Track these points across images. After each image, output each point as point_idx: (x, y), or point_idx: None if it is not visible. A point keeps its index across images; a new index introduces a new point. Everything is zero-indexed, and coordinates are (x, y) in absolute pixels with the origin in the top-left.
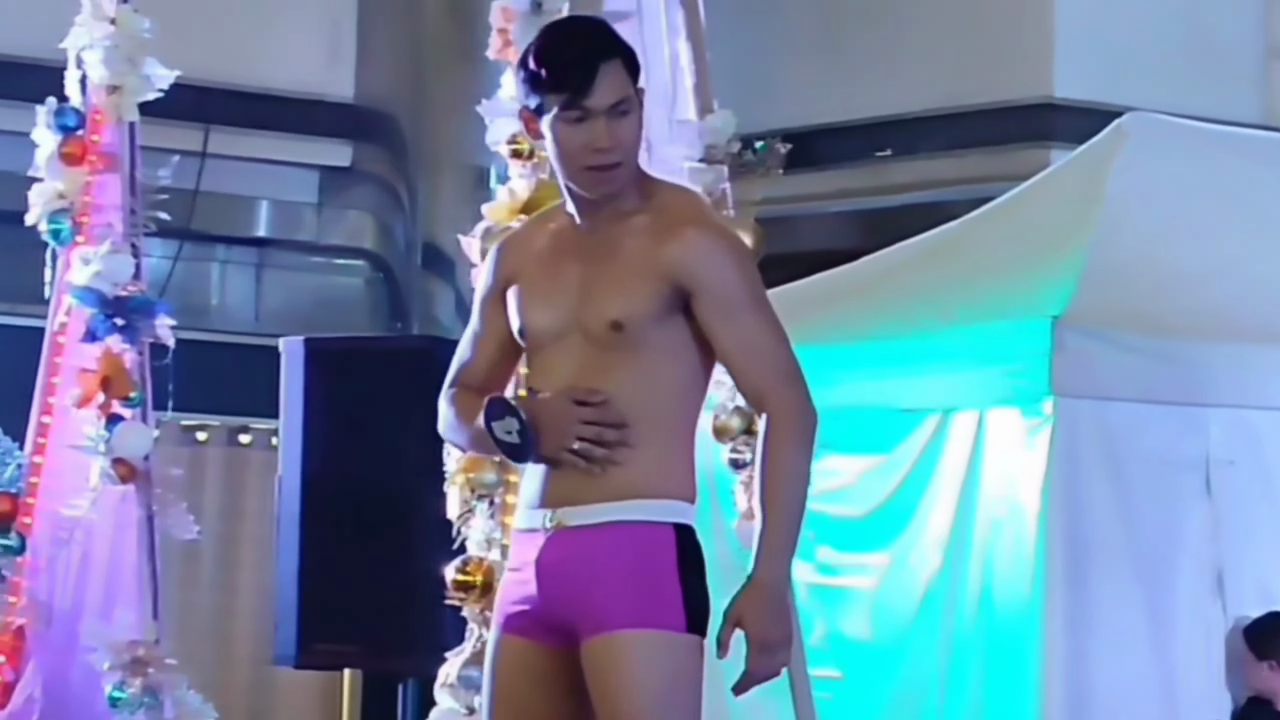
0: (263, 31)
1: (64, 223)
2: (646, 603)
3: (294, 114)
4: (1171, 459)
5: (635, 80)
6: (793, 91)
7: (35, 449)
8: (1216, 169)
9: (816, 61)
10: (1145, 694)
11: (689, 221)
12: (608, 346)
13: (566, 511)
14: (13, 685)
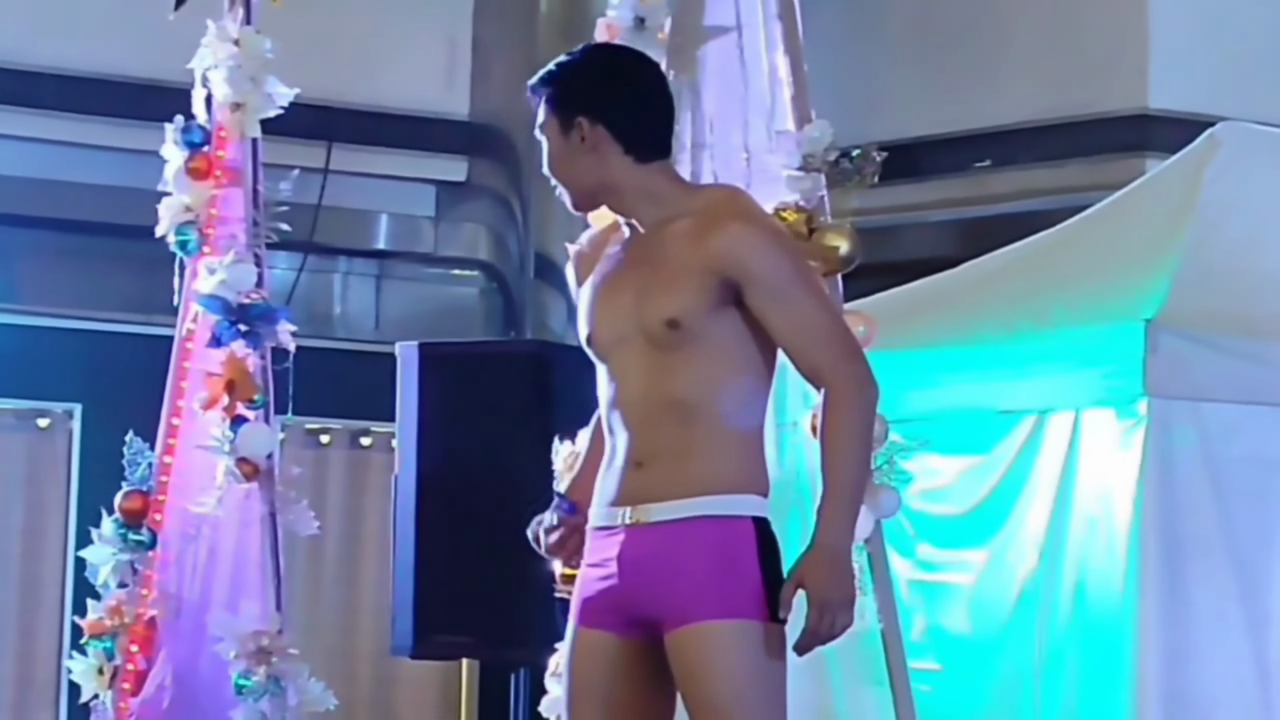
0: (381, 52)
1: (191, 234)
2: (730, 594)
3: (412, 131)
4: (1266, 459)
5: (564, 106)
6: (892, 103)
7: (165, 449)
8: None
9: (915, 74)
10: (1241, 693)
11: (729, 215)
12: (669, 347)
13: (645, 508)
14: (145, 674)
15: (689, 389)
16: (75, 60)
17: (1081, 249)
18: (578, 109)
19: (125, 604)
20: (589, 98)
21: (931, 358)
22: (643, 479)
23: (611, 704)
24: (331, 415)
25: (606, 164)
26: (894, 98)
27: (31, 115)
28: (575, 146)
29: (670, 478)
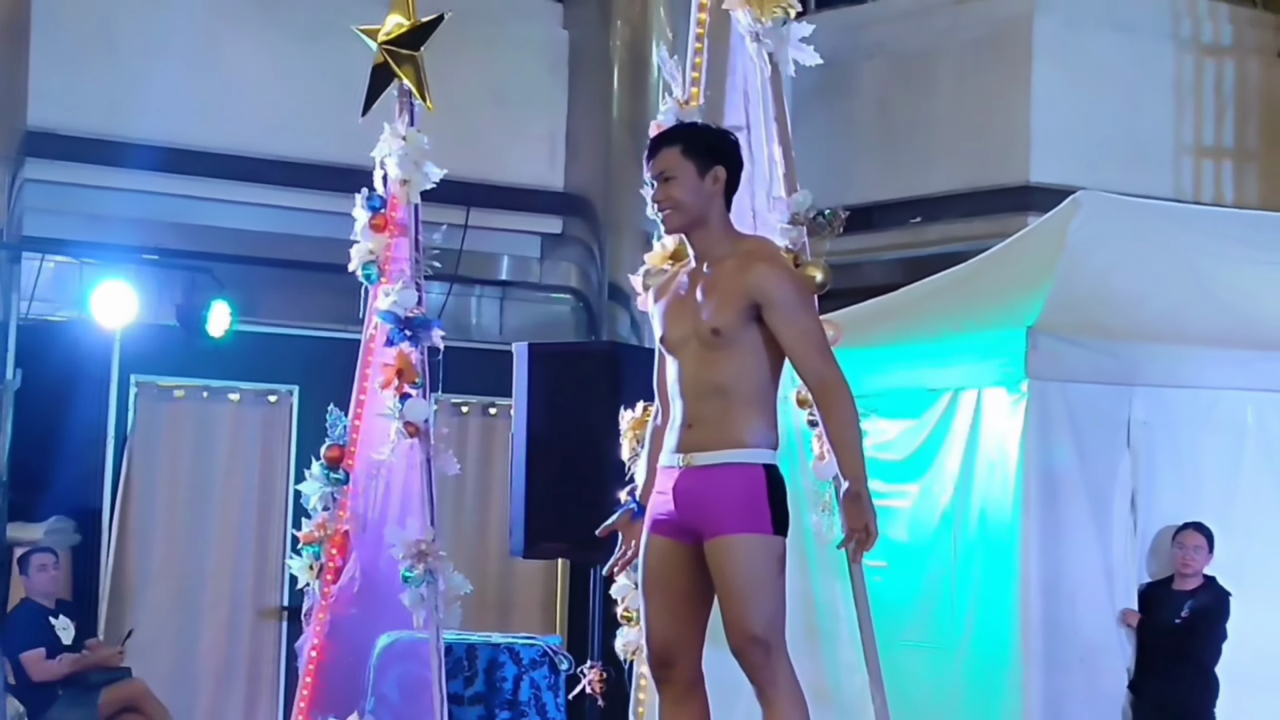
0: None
1: (373, 269)
2: (748, 516)
3: (524, 198)
4: (1111, 420)
5: (698, 155)
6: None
7: (355, 415)
8: (1144, 228)
9: (870, 157)
10: (1093, 582)
11: (760, 259)
12: (714, 347)
13: (693, 456)
14: (341, 569)
15: (725, 376)
16: (296, 151)
17: (984, 278)
18: (717, 159)
19: (328, 521)
20: (724, 155)
21: (881, 353)
22: (692, 435)
23: (669, 588)
24: (469, 393)
25: (715, 202)
26: (856, 173)
27: (268, 189)
28: (706, 185)
29: (711, 436)
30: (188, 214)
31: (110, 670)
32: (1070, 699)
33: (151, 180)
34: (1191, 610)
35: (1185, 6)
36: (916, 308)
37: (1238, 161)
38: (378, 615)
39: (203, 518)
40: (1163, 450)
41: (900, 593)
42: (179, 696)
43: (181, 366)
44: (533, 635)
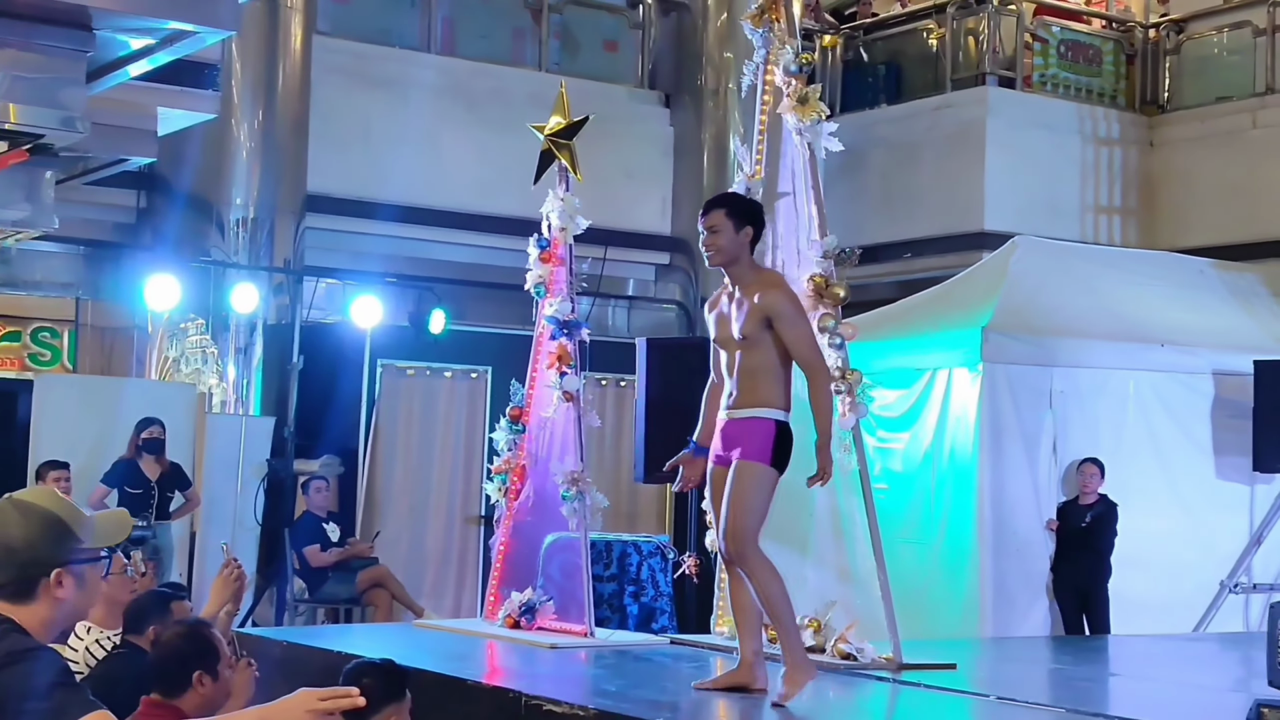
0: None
1: (541, 288)
2: (755, 450)
3: (644, 240)
4: (1039, 391)
5: (736, 217)
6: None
7: (529, 387)
8: (1061, 260)
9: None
10: (1026, 498)
11: (771, 286)
12: (743, 346)
13: (733, 412)
14: (520, 490)
15: (751, 364)
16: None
17: (953, 295)
18: (746, 220)
19: (511, 459)
20: (753, 218)
21: (883, 344)
22: (732, 401)
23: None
24: (607, 371)
25: (744, 249)
26: (866, 224)
27: (472, 234)
28: (739, 238)
29: (743, 400)
30: (417, 250)
31: (364, 559)
32: (1011, 577)
33: (393, 228)
34: (1091, 518)
35: (1088, 112)
36: (907, 314)
37: (1123, 216)
38: (546, 522)
39: (427, 457)
40: (1073, 410)
41: (896, 506)
42: (411, 577)
43: (412, 354)
44: (649, 535)
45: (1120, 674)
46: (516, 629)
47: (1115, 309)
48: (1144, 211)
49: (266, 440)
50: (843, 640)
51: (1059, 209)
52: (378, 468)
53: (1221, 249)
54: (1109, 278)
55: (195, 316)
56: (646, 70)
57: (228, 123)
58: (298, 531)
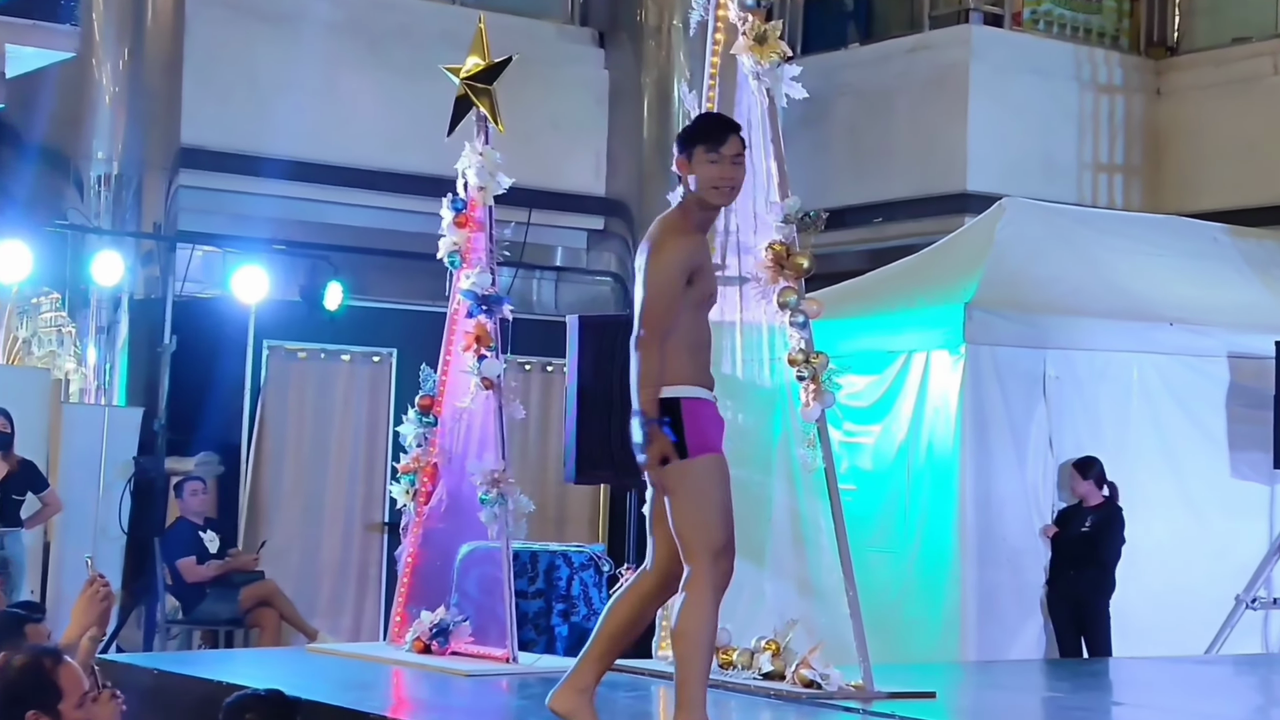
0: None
1: (456, 258)
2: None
3: (574, 201)
4: (1029, 374)
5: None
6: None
7: (442, 373)
8: (1054, 226)
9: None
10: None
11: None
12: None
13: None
14: (431, 493)
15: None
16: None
17: (931, 266)
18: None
19: (421, 456)
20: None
21: (851, 323)
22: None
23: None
24: (532, 355)
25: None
26: (832, 182)
27: (373, 193)
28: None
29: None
30: (310, 213)
31: (248, 573)
32: (1000, 591)
33: (281, 186)
34: (1092, 523)
35: (1086, 55)
36: (878, 288)
37: (1126, 175)
38: (461, 529)
39: (321, 453)
40: (1070, 399)
41: (866, 509)
42: (303, 593)
43: (304, 333)
44: (582, 544)
45: (1124, 702)
46: (427, 654)
47: (1117, 282)
48: (1150, 170)
49: (133, 435)
50: (805, 665)
51: (1053, 167)
52: (264, 466)
53: (1237, 213)
54: (1110, 246)
55: (49, 290)
56: (578, 4)
57: (88, 63)
58: (170, 541)
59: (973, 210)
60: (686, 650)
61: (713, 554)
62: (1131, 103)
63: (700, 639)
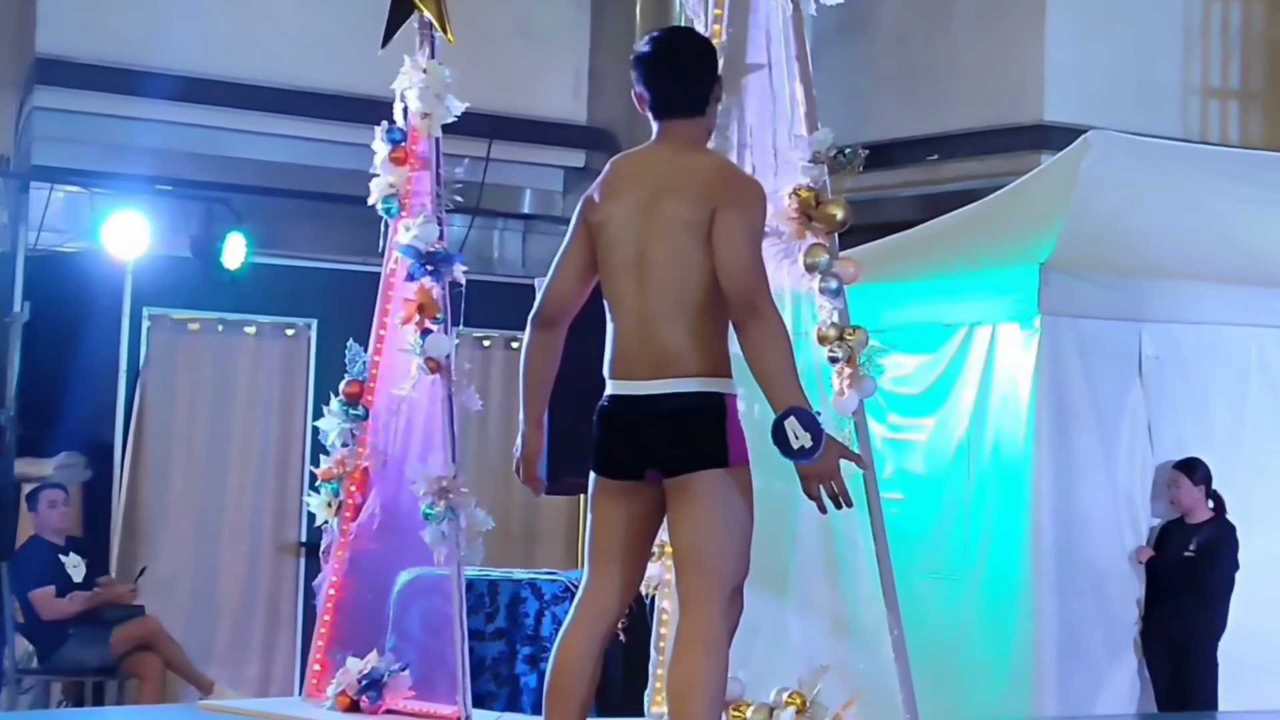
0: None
1: (393, 203)
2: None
3: (548, 132)
4: (1121, 354)
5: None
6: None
7: (375, 351)
8: (1153, 168)
9: (889, 95)
10: (1104, 509)
11: None
12: None
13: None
14: (360, 506)
15: None
16: (317, 81)
17: (998, 216)
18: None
19: (347, 458)
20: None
21: (899, 288)
22: None
23: None
24: (492, 327)
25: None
26: (875, 110)
27: (287, 119)
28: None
29: None
30: (204, 144)
31: (123, 608)
32: (1084, 625)
33: (167, 109)
34: (1198, 545)
35: None
36: (933, 245)
37: (1243, 102)
38: (398, 552)
39: (219, 453)
40: (1173, 384)
41: (916, 524)
42: (195, 634)
43: (196, 299)
44: (555, 570)
45: None
46: (354, 712)
47: (1232, 237)
48: (1273, 95)
49: None
50: None
51: (1152, 91)
52: (144, 471)
53: None
54: (1223, 192)
55: None
56: None
57: None
58: (21, 567)
59: (1051, 146)
60: (692, 707)
61: (733, 588)
62: (1250, 11)
63: (709, 692)
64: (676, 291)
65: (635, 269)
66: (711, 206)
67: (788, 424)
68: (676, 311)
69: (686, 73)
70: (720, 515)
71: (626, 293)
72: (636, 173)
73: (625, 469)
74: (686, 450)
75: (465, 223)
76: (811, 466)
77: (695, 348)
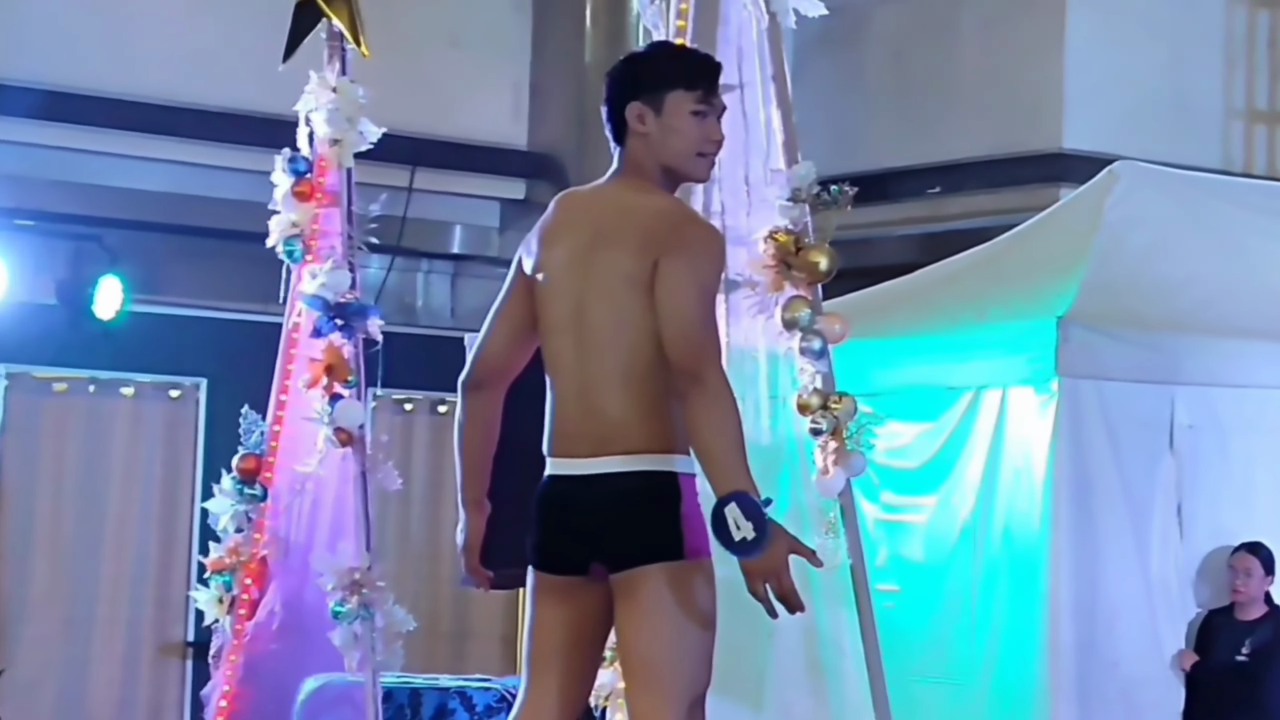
0: (457, 94)
1: (296, 245)
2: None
3: (481, 158)
4: (1153, 423)
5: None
6: (866, 142)
7: (275, 420)
8: (1188, 204)
9: (884, 119)
10: (1134, 604)
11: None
12: None
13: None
14: (258, 602)
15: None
16: (210, 98)
17: (1010, 260)
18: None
19: (241, 546)
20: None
21: (894, 345)
22: None
23: None
24: (415, 388)
25: None
26: (867, 137)
27: (174, 142)
28: None
29: None
30: (70, 170)
31: None
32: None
33: (25, 129)
34: (1253, 647)
35: None
36: (934, 293)
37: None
38: (303, 656)
39: (91, 537)
40: (1209, 457)
41: (914, 620)
42: None
43: (63, 354)
44: (489, 676)
45: None
46: None
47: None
48: None
49: None
50: None
51: (1188, 116)
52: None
53: None
54: (1271, 234)
55: None
56: None
57: None
58: None
59: (1071, 178)
60: None
61: (691, 701)
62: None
63: None
64: (618, 355)
65: (574, 328)
66: (654, 256)
67: (728, 511)
68: (619, 378)
69: None
70: (673, 618)
71: (565, 355)
72: (580, 213)
73: (565, 563)
74: (633, 541)
75: (383, 265)
76: (754, 562)
77: (642, 420)
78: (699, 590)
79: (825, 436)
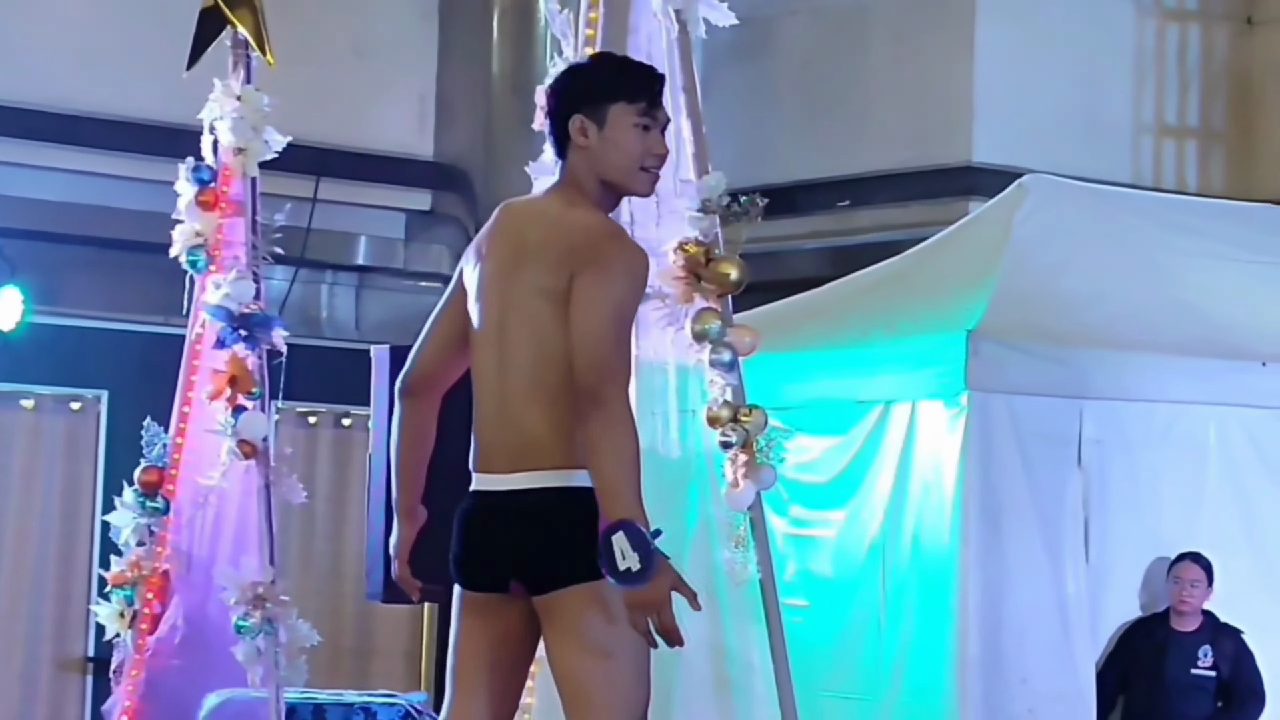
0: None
1: (199, 255)
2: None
3: (386, 169)
4: (1063, 438)
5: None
6: (776, 154)
7: (177, 432)
8: (1098, 218)
9: (794, 131)
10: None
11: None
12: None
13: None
14: (160, 616)
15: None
16: (111, 106)
17: (920, 274)
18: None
19: (143, 559)
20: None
21: (803, 359)
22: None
23: None
24: (319, 400)
25: None
26: (777, 149)
27: (75, 151)
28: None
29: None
30: None
31: None
32: None
33: None
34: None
35: None
36: (843, 307)
37: (1203, 142)
38: (205, 671)
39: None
40: (1117, 471)
41: (823, 635)
42: None
43: None
44: (394, 692)
45: None
46: None
47: (1190, 302)
48: (1236, 135)
49: None
50: None
51: (1098, 129)
52: None
53: None
54: (1178, 248)
55: None
56: None
57: None
58: None
59: (981, 192)
60: None
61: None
62: (1212, 36)
63: None
64: (535, 370)
65: (496, 342)
66: (570, 271)
67: (615, 540)
68: (536, 393)
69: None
70: (603, 640)
71: (487, 369)
72: (513, 225)
73: (486, 580)
74: (553, 563)
75: (288, 276)
76: (637, 594)
77: (559, 435)
78: (624, 607)
79: (735, 449)
